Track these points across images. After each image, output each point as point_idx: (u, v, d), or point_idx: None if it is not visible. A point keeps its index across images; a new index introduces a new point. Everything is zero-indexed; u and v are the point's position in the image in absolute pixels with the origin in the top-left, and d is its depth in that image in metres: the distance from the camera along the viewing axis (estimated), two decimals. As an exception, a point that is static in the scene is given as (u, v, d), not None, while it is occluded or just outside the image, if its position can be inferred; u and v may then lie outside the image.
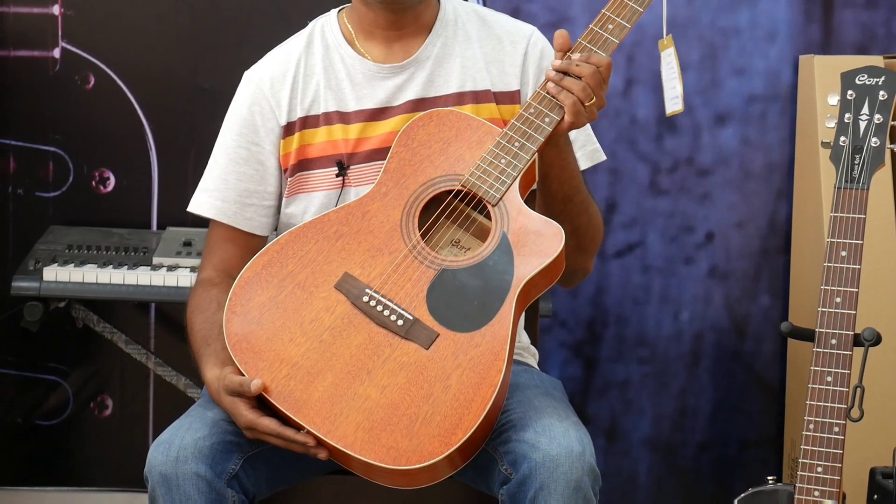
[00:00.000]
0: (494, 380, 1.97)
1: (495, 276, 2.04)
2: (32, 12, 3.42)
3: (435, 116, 2.16)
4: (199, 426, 2.05)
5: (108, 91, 3.43)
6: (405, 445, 1.94)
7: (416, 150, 2.13)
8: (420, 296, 2.03)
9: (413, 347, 2.00)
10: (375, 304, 2.03)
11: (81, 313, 3.27)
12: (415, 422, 1.96)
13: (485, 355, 1.99)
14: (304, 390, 1.99)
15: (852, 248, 2.17)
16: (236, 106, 2.32)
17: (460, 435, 1.95)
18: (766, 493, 2.23)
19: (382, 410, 1.96)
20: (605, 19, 2.11)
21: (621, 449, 3.50)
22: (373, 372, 1.99)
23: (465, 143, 2.12)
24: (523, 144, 2.08)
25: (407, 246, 2.06)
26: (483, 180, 2.08)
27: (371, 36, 2.29)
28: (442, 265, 2.05)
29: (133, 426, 3.51)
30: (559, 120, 2.08)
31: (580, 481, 1.98)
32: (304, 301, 2.03)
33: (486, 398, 1.96)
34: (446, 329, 2.01)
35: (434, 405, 1.96)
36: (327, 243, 2.07)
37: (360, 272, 2.05)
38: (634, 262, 3.46)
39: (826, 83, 3.16)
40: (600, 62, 2.08)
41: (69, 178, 3.46)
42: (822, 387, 2.16)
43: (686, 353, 3.47)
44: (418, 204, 2.09)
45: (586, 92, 2.07)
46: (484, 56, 2.30)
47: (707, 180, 3.43)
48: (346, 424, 1.96)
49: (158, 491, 2.02)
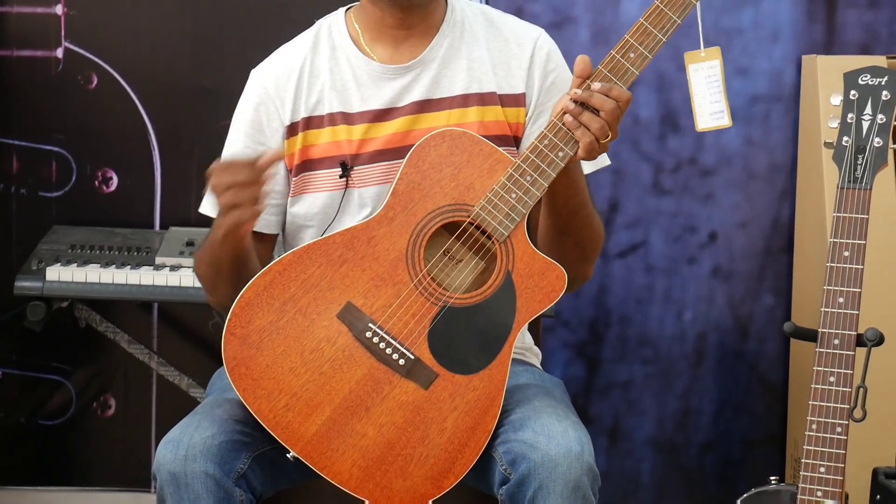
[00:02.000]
0: (489, 426, 2.03)
1: (497, 317, 2.05)
2: (36, 12, 3.42)
3: (448, 137, 2.11)
4: (208, 425, 2.05)
5: (111, 91, 3.43)
6: (398, 486, 1.99)
7: (426, 173, 2.10)
8: (422, 333, 2.04)
9: (412, 387, 2.02)
10: (378, 341, 2.03)
11: (84, 313, 3.27)
12: (409, 463, 2.00)
13: (481, 400, 2.03)
14: (302, 423, 2.00)
15: (855, 248, 2.17)
16: (243, 106, 2.32)
17: (452, 480, 2.01)
18: (768, 493, 2.23)
19: (378, 449, 2.00)
20: (627, 47, 2.06)
21: (624, 449, 3.50)
22: (371, 409, 2.01)
23: (477, 170, 2.09)
24: (535, 180, 2.06)
25: (413, 281, 2.06)
26: (493, 215, 2.06)
27: (378, 35, 2.28)
28: (446, 302, 2.06)
29: (136, 426, 3.52)
30: (573, 154, 2.06)
31: (579, 481, 1.98)
32: (305, 329, 2.03)
33: (479, 444, 2.03)
34: (445, 370, 2.03)
35: (429, 447, 2.01)
36: (331, 268, 2.05)
37: (363, 302, 2.04)
38: (637, 262, 3.46)
39: (829, 83, 3.16)
40: (620, 97, 2.04)
41: (72, 177, 3.46)
42: (825, 387, 2.15)
43: (689, 353, 3.47)
44: (425, 234, 2.07)
45: (604, 130, 2.04)
46: (490, 58, 2.29)
47: (710, 180, 3.43)
48: (342, 461, 2.00)
49: (167, 489, 2.02)
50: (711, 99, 2.11)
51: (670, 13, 2.09)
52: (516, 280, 2.07)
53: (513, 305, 2.06)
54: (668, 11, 2.09)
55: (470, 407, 2.02)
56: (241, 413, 2.10)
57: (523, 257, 2.07)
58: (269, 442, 2.09)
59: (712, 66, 2.11)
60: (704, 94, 2.11)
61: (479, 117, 2.25)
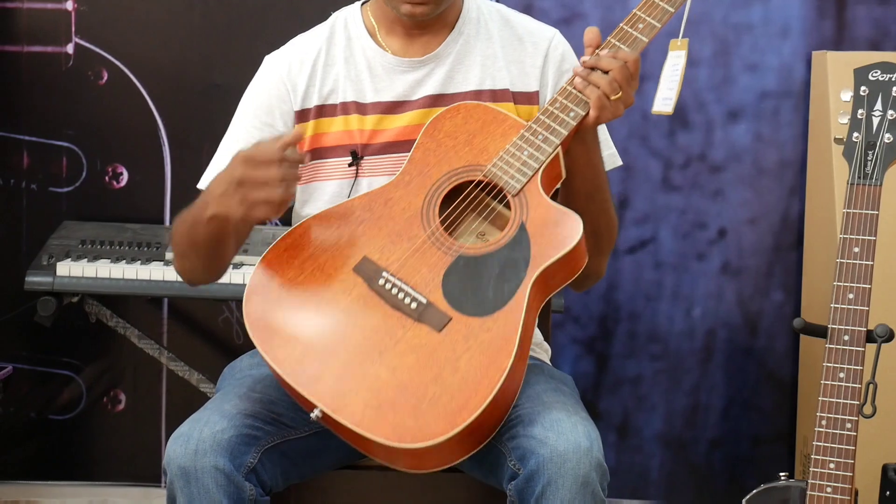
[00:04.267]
0: (503, 364, 1.96)
1: (511, 263, 2.04)
2: (46, 8, 3.43)
3: (462, 109, 2.18)
4: (218, 419, 2.06)
5: (122, 86, 3.43)
6: (411, 424, 1.94)
7: (441, 141, 2.15)
8: (436, 280, 2.04)
9: (425, 330, 2.01)
10: (391, 288, 2.04)
11: (94, 308, 3.27)
12: (422, 402, 1.95)
13: (495, 340, 1.99)
14: (318, 369, 1.99)
15: (865, 244, 2.17)
16: (253, 87, 2.33)
17: (465, 416, 1.93)
18: (778, 489, 2.23)
19: (391, 390, 1.97)
20: (635, 19, 2.12)
21: (633, 445, 3.51)
22: (384, 353, 2.00)
23: (490, 136, 2.13)
24: (546, 137, 2.10)
25: (426, 232, 2.08)
26: (505, 171, 2.09)
27: (393, 30, 2.30)
28: (459, 252, 2.06)
29: (146, 421, 3.52)
30: (584, 115, 2.09)
31: (588, 476, 1.98)
32: (322, 283, 2.05)
33: (493, 381, 1.95)
34: (459, 313, 2.01)
35: (442, 386, 1.96)
36: (349, 228, 2.09)
37: (379, 256, 2.06)
38: (647, 258, 3.46)
39: (839, 79, 3.16)
40: (628, 57, 2.09)
41: (82, 173, 3.47)
42: (835, 383, 2.15)
43: (698, 350, 3.47)
44: (440, 193, 2.11)
45: (612, 86, 2.08)
46: (505, 55, 2.31)
47: (719, 176, 3.43)
48: (354, 402, 1.96)
49: (177, 484, 2.02)
50: (668, 86, 2.14)
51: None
52: (530, 229, 2.06)
53: (527, 252, 2.04)
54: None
55: (484, 347, 1.98)
56: (251, 407, 2.11)
57: (538, 209, 2.07)
58: (279, 436, 2.10)
59: (678, 56, 2.15)
60: (666, 80, 2.14)
61: None
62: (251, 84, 2.33)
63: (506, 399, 2.01)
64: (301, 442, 2.15)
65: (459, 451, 1.99)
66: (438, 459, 1.98)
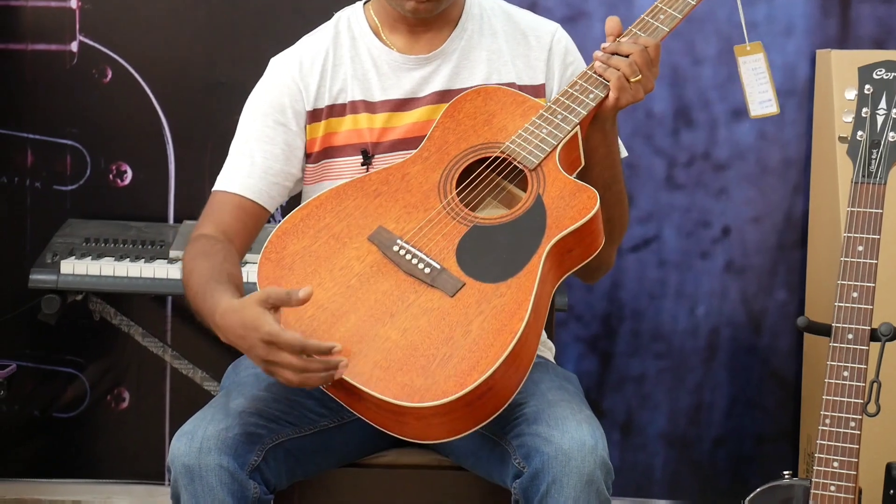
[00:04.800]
0: (515, 327, 1.95)
1: (527, 233, 2.05)
2: (50, 6, 3.43)
3: (482, 92, 2.20)
4: (222, 417, 2.06)
5: (126, 84, 3.44)
6: (420, 384, 1.92)
7: (460, 121, 2.17)
8: (450, 248, 2.05)
9: (438, 294, 2.01)
10: (405, 254, 2.04)
11: (98, 306, 3.28)
12: (432, 362, 1.94)
13: (508, 305, 1.98)
14: (327, 330, 1.99)
15: (869, 242, 2.17)
16: (263, 88, 2.32)
17: (476, 377, 1.91)
18: (781, 487, 2.23)
19: (401, 351, 1.96)
20: (657, 10, 2.18)
21: (637, 443, 3.50)
22: (396, 315, 2.00)
23: (510, 116, 2.15)
24: (565, 117, 2.12)
25: (442, 203, 2.09)
26: (523, 147, 2.11)
27: (396, 28, 2.30)
28: (474, 222, 2.08)
29: (150, 419, 3.53)
30: (603, 97, 2.12)
31: (592, 475, 1.98)
32: (336, 250, 2.06)
33: (505, 343, 1.94)
34: (472, 279, 2.02)
35: (453, 347, 1.95)
36: (366, 199, 2.11)
37: (395, 226, 2.07)
38: (650, 256, 3.46)
39: (843, 78, 3.16)
40: (648, 42, 2.13)
41: (86, 171, 3.47)
42: (839, 382, 2.15)
43: (702, 348, 3.47)
44: (458, 168, 2.12)
45: (632, 68, 2.11)
46: (509, 50, 2.32)
47: (723, 175, 3.43)
48: (363, 362, 1.95)
49: (181, 482, 2.02)
50: (760, 89, 2.17)
51: None
52: (547, 201, 2.07)
53: (543, 222, 2.05)
54: None
55: (496, 311, 1.98)
56: (255, 406, 2.11)
57: (555, 182, 2.09)
58: (283, 434, 2.10)
59: (757, 59, 2.18)
60: (754, 85, 2.17)
61: None
62: (259, 85, 2.33)
63: (517, 366, 1.98)
64: (305, 440, 2.15)
65: (468, 421, 1.95)
66: (446, 428, 1.95)
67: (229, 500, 2.01)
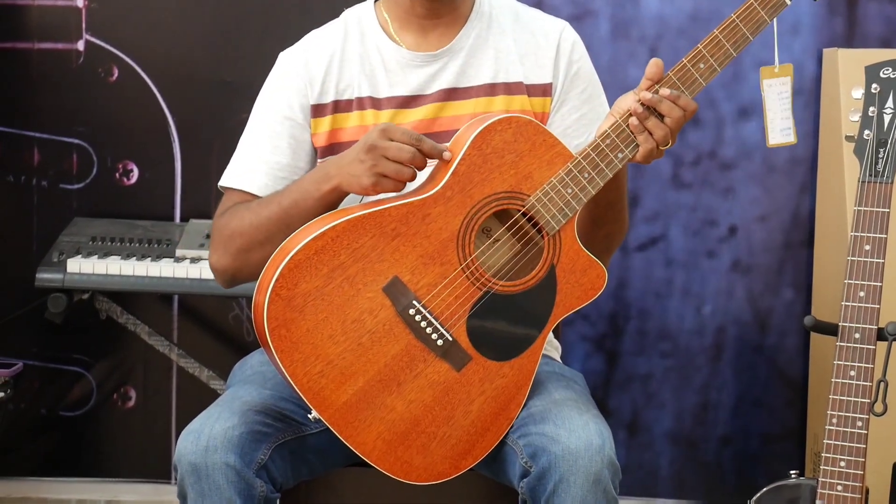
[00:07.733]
0: (511, 414, 2.08)
1: (536, 309, 2.08)
2: (57, 5, 3.43)
3: (514, 124, 2.11)
4: (229, 416, 2.06)
5: (132, 83, 3.44)
6: (418, 462, 2.04)
7: (488, 157, 2.09)
8: (463, 316, 2.06)
9: (445, 367, 2.05)
10: (420, 319, 2.04)
11: (105, 305, 3.28)
12: (432, 441, 2.04)
13: (508, 388, 2.07)
14: (334, 391, 2.01)
15: (876, 241, 2.16)
16: (271, 82, 2.33)
17: (469, 461, 2.07)
18: (788, 487, 2.23)
19: (404, 424, 2.04)
20: (698, 57, 2.09)
21: (643, 442, 3.50)
22: (403, 385, 2.04)
23: (537, 161, 2.10)
24: (592, 178, 2.09)
25: (461, 264, 2.07)
26: (546, 208, 2.08)
27: (406, 24, 2.30)
28: (490, 288, 2.07)
29: (156, 417, 3.53)
30: (631, 157, 2.09)
31: (600, 474, 1.99)
32: (350, 298, 2.04)
33: (500, 430, 2.08)
34: (479, 355, 2.06)
35: (452, 428, 2.05)
36: (383, 240, 2.06)
37: (410, 278, 2.05)
38: (657, 255, 3.46)
39: (850, 77, 3.15)
40: (688, 106, 2.07)
41: (93, 170, 3.47)
42: (846, 381, 2.15)
43: (708, 347, 3.47)
44: (479, 218, 2.08)
45: (666, 139, 2.08)
46: (518, 49, 2.31)
47: (730, 174, 3.42)
48: (367, 432, 2.02)
49: (188, 480, 2.02)
50: (782, 115, 2.13)
51: (762, 11, 2.10)
52: (559, 274, 2.09)
53: (552, 299, 2.09)
54: (760, 10, 2.10)
55: (497, 393, 2.06)
56: (261, 404, 2.11)
57: (569, 252, 2.10)
58: (289, 432, 2.10)
59: (784, 83, 2.13)
60: (776, 110, 2.12)
61: (505, 106, 2.26)
62: (268, 80, 2.33)
63: None
64: (311, 439, 2.15)
65: None
66: None
67: (236, 499, 2.01)
